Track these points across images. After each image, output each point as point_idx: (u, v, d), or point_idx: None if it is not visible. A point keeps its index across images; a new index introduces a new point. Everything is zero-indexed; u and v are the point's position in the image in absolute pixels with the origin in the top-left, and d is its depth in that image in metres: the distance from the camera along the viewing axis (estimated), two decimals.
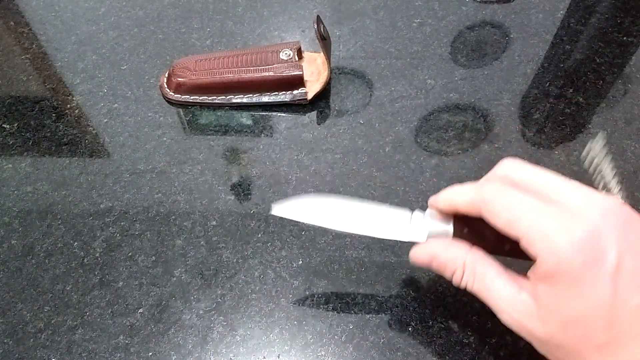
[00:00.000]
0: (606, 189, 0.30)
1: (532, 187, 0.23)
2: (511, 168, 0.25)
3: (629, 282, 0.20)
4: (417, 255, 0.27)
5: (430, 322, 0.30)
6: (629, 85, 0.42)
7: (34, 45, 0.49)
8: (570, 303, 0.21)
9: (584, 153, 0.30)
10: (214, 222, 0.35)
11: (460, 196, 0.26)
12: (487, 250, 0.26)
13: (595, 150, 0.29)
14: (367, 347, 0.30)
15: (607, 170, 0.30)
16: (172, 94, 0.43)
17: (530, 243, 0.22)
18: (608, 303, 0.20)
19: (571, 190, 0.22)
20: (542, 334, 0.22)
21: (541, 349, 0.24)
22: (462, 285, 0.26)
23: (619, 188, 0.30)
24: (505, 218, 0.23)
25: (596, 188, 0.31)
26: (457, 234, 0.27)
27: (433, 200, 0.28)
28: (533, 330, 0.23)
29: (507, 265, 0.25)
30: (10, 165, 0.40)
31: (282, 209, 0.28)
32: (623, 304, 0.20)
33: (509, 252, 0.25)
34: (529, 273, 0.24)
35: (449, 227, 0.27)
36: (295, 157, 0.39)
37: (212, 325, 0.31)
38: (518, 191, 0.23)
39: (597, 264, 0.20)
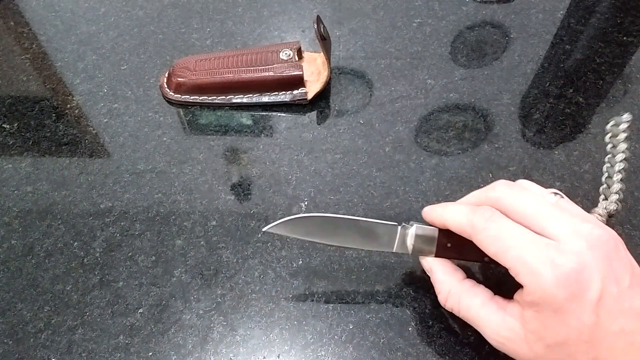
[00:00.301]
0: (610, 176, 0.30)
1: (521, 214, 0.24)
2: (503, 193, 0.25)
3: (611, 309, 0.21)
4: (422, 263, 0.30)
5: (430, 322, 0.30)
6: (629, 85, 0.42)
7: (34, 45, 0.49)
8: (554, 329, 0.22)
9: (607, 126, 0.30)
10: (214, 222, 0.35)
11: (452, 217, 0.26)
12: (471, 259, 0.28)
13: (618, 128, 0.29)
14: (367, 347, 0.30)
15: (620, 152, 0.29)
16: (172, 94, 0.43)
17: (517, 274, 0.23)
18: (590, 329, 0.21)
19: (560, 220, 0.23)
20: (528, 355, 0.23)
21: None
22: (447, 308, 0.28)
23: (621, 177, 0.30)
24: (494, 248, 0.24)
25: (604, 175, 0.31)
26: (441, 250, 0.28)
27: (427, 212, 0.29)
28: (520, 352, 0.24)
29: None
30: (10, 165, 0.40)
31: (274, 228, 0.29)
32: (605, 329, 0.21)
33: (491, 262, 0.26)
34: (516, 297, 0.25)
35: (433, 245, 0.28)
36: (295, 157, 0.39)
37: (212, 325, 0.31)
38: (507, 221, 0.24)
39: (581, 296, 0.21)
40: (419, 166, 0.38)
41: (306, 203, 0.36)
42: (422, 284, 0.32)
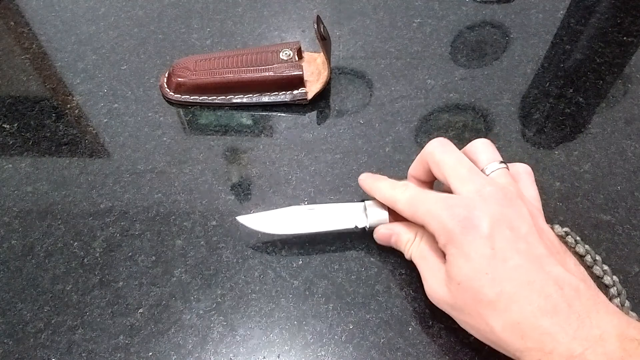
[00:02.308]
0: None
1: (443, 170, 0.28)
2: (435, 150, 0.29)
3: (505, 247, 0.25)
4: (380, 232, 0.32)
5: (430, 322, 0.30)
6: (629, 85, 0.42)
7: (34, 45, 0.49)
8: (460, 265, 0.25)
9: None
10: (214, 222, 0.35)
11: (378, 192, 0.32)
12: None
13: None
14: (367, 347, 0.30)
15: None
16: (172, 94, 0.43)
17: (428, 224, 0.27)
18: (488, 261, 0.24)
19: (468, 180, 0.27)
20: (447, 298, 0.27)
21: (455, 315, 0.27)
22: (408, 258, 0.31)
23: None
24: (410, 211, 0.29)
25: None
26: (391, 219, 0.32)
27: (361, 181, 0.34)
28: (443, 296, 0.27)
29: None
30: (10, 165, 0.40)
31: (246, 220, 0.33)
32: (502, 263, 0.24)
33: None
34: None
35: (386, 214, 0.32)
36: (295, 157, 0.39)
37: (212, 325, 0.31)
38: (417, 189, 0.30)
39: (473, 229, 0.25)
40: None
41: (306, 203, 0.36)
42: (422, 284, 0.32)
